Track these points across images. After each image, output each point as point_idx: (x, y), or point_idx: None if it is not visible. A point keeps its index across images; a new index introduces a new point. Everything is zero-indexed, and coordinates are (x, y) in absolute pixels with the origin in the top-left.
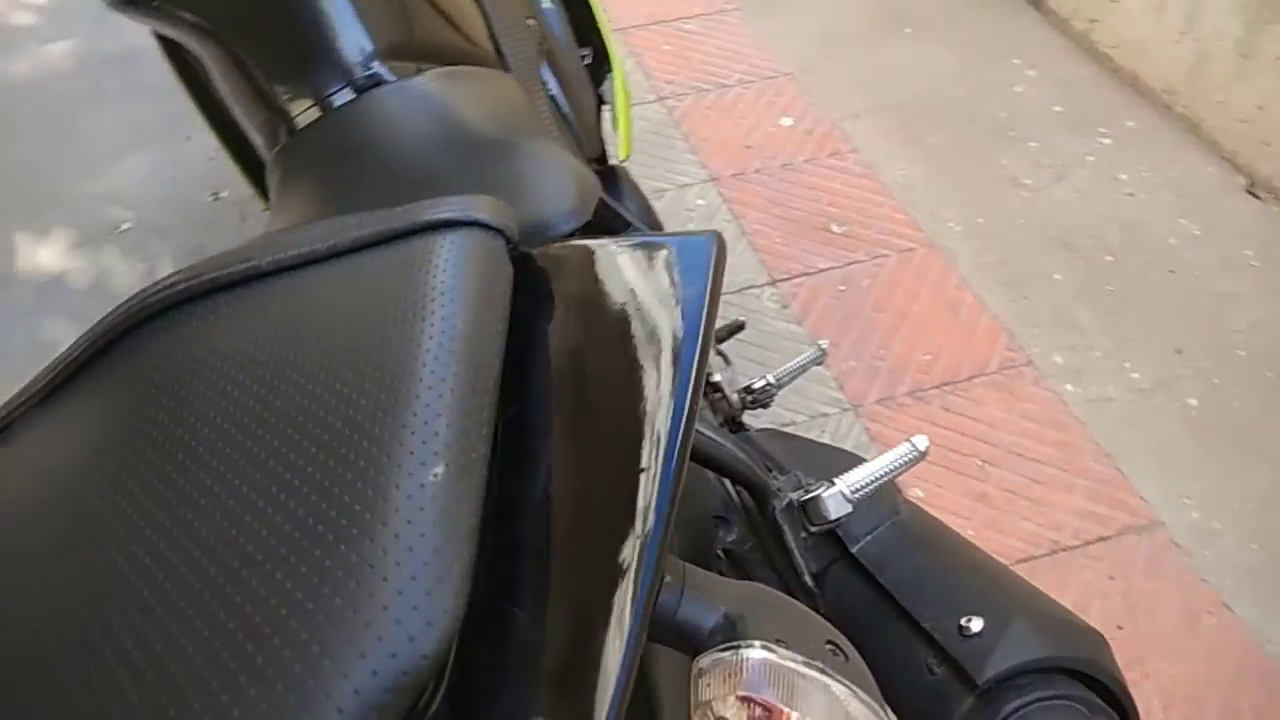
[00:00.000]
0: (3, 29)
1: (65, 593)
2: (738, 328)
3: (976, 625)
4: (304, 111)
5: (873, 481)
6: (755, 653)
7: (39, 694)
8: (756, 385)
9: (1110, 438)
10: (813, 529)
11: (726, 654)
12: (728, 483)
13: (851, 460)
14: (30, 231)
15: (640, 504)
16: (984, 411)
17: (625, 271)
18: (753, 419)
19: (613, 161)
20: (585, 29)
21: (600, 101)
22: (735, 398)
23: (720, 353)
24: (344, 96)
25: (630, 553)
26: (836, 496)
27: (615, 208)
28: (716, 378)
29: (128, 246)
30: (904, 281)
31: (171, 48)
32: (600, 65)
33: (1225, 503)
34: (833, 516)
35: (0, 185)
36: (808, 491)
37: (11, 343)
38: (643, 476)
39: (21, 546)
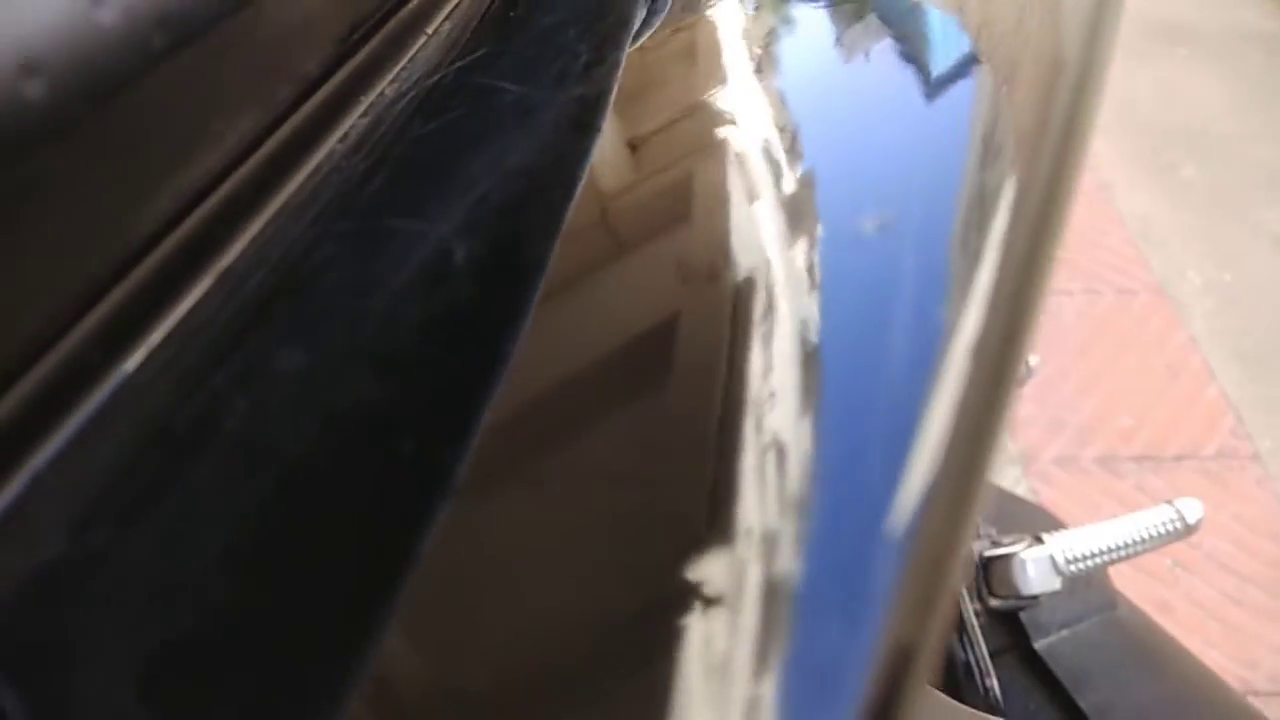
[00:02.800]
0: None
1: None
2: None
3: None
4: None
5: (1104, 553)
6: None
7: None
8: None
9: None
10: (992, 602)
11: None
12: None
13: (1051, 522)
14: None
15: None
16: None
17: None
18: None
19: None
20: None
21: None
22: None
23: None
24: None
25: None
26: (1043, 562)
27: None
28: None
29: None
30: (1119, 326)
31: None
32: None
33: None
34: (1032, 589)
35: None
36: (996, 545)
37: None
38: None
39: None
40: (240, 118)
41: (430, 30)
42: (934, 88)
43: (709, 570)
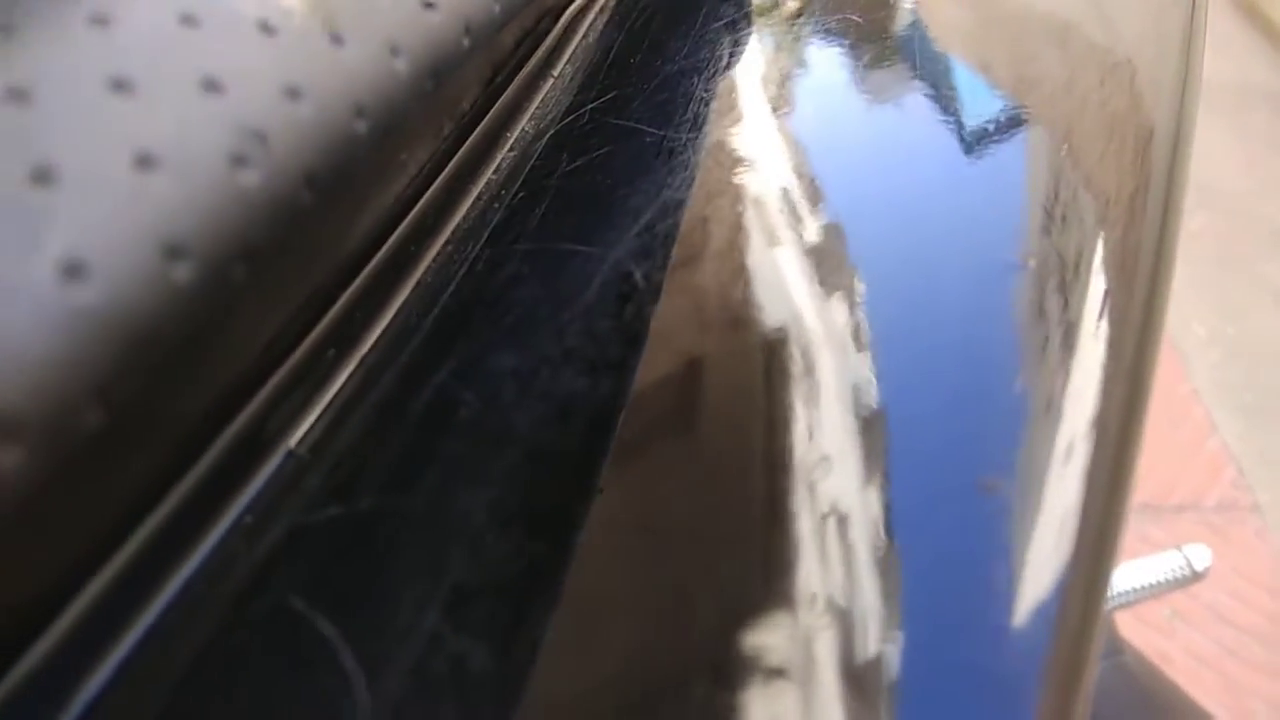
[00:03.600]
0: None
1: None
2: None
3: None
4: None
5: (1113, 598)
6: None
7: None
8: None
9: None
10: None
11: None
12: None
13: None
14: None
15: None
16: None
17: None
18: None
19: None
20: None
21: None
22: None
23: None
24: None
25: None
26: None
27: None
28: None
29: None
30: None
31: None
32: None
33: None
34: None
35: None
36: None
37: None
38: None
39: None
40: (419, 149)
41: (555, 73)
42: (981, 144)
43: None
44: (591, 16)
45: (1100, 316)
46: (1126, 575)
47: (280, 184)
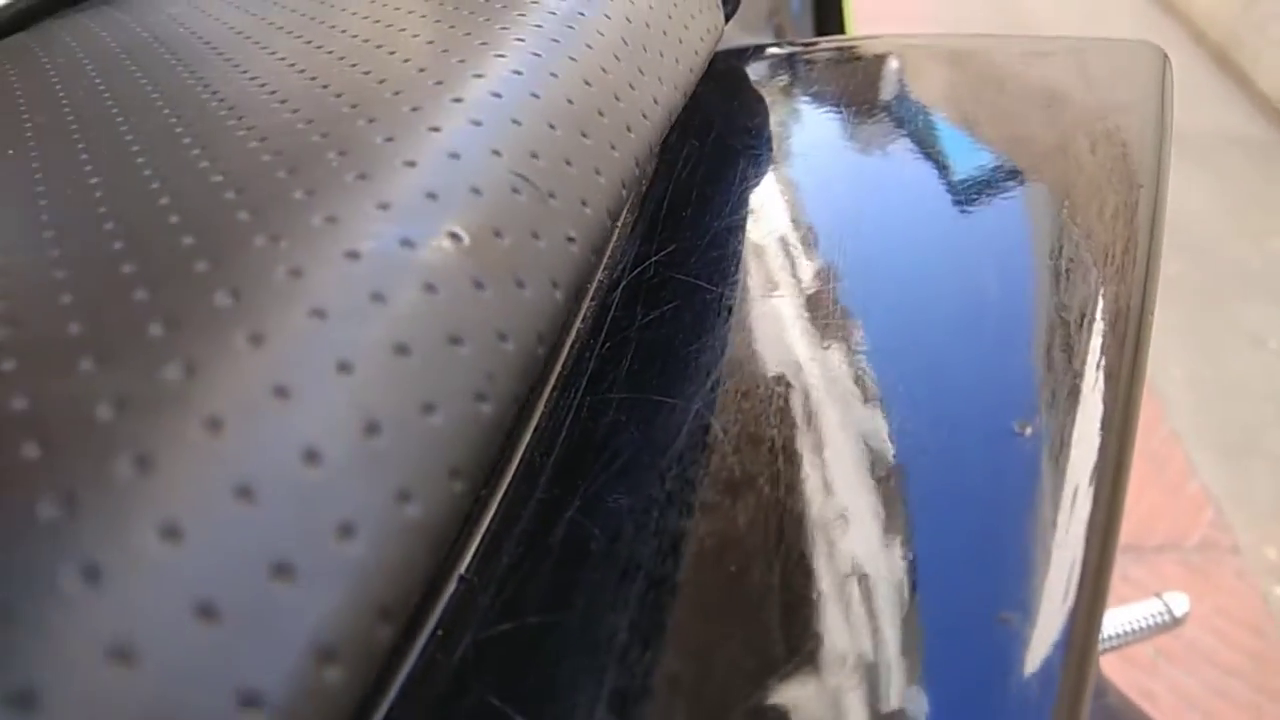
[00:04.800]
0: None
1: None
2: None
3: None
4: None
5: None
6: None
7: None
8: None
9: None
10: None
11: None
12: None
13: None
14: None
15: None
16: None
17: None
18: None
19: None
20: None
21: None
22: None
23: None
24: None
25: None
26: None
27: None
28: None
29: None
30: None
31: None
32: None
33: None
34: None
35: None
36: None
37: None
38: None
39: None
40: None
41: (619, 223)
42: (981, 201)
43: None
44: None
45: (1097, 368)
46: (1108, 621)
47: (500, 410)
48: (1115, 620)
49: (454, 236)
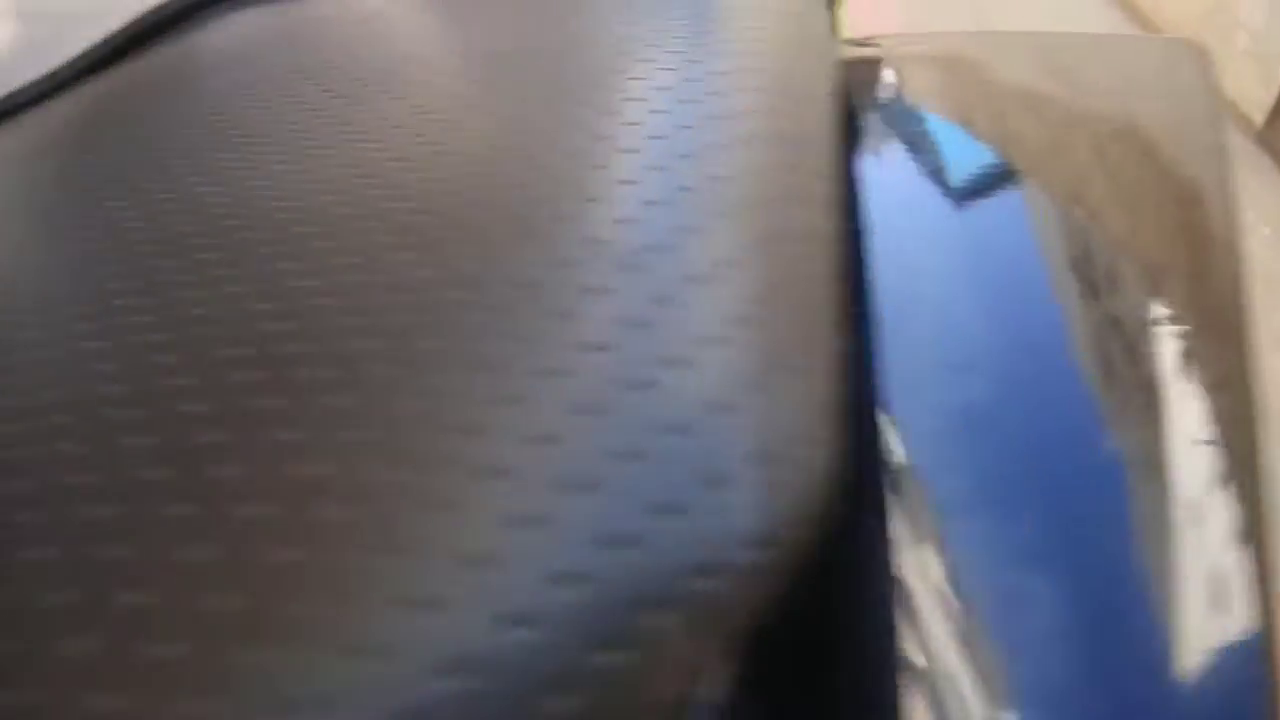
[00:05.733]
0: None
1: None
2: None
3: None
4: None
5: None
6: None
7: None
8: None
9: None
10: None
11: None
12: None
13: None
14: None
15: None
16: None
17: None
18: None
19: None
20: None
21: None
22: None
23: None
24: None
25: None
26: None
27: None
28: None
29: None
30: None
31: None
32: None
33: None
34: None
35: None
36: None
37: None
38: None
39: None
40: None
41: None
42: (993, 203)
43: None
44: None
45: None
46: None
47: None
48: None
49: None
